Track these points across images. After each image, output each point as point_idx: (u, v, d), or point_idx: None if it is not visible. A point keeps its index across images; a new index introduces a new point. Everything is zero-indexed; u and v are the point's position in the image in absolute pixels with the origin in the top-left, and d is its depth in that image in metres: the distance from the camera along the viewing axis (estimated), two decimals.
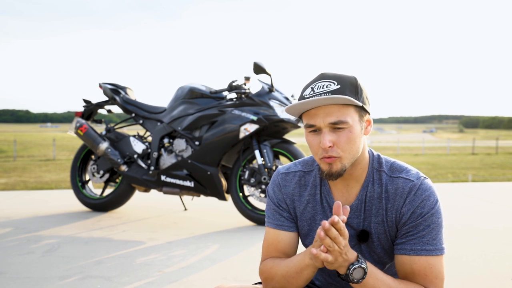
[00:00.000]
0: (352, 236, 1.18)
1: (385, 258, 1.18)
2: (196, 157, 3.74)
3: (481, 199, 4.95)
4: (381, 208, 1.15)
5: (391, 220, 1.14)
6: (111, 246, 3.04)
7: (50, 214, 4.11)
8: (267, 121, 3.54)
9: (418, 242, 1.08)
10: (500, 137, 45.60)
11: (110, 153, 3.98)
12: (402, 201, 1.11)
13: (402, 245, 1.10)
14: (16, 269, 2.53)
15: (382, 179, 1.15)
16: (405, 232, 1.11)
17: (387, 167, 1.17)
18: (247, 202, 3.72)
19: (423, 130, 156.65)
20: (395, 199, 1.13)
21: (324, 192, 1.21)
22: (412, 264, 1.08)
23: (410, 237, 1.09)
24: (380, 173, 1.16)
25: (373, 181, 1.16)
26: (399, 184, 1.13)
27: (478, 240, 3.14)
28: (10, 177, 11.63)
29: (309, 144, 1.13)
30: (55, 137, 26.59)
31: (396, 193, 1.13)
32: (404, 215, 1.11)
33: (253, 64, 3.50)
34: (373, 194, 1.16)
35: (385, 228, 1.15)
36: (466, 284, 2.25)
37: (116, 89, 4.25)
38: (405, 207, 1.11)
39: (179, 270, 2.52)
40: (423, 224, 1.09)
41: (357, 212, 1.17)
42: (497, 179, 10.42)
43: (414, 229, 1.09)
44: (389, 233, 1.15)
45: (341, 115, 1.07)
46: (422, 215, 1.09)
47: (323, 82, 1.10)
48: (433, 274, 1.07)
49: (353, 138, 1.08)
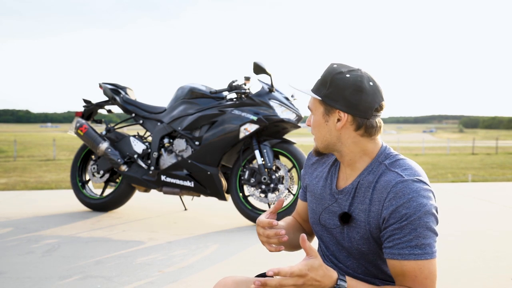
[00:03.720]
0: (336, 217, 1.24)
1: (363, 247, 1.19)
2: (196, 157, 3.74)
3: (481, 199, 4.95)
4: (367, 197, 1.17)
5: (374, 211, 1.14)
6: (111, 246, 3.04)
7: (50, 214, 4.11)
8: (267, 121, 3.54)
9: (405, 246, 1.07)
10: (500, 137, 45.60)
11: (110, 153, 3.98)
12: (385, 194, 1.12)
13: (390, 249, 1.10)
14: (16, 269, 2.53)
15: (379, 171, 1.18)
16: (391, 234, 1.10)
17: (389, 161, 1.18)
18: (247, 202, 3.72)
19: (423, 130, 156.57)
20: (381, 191, 1.13)
21: (332, 171, 1.31)
22: (402, 266, 1.08)
23: (397, 241, 1.09)
24: (380, 165, 1.19)
25: (370, 171, 1.19)
26: (390, 178, 1.13)
27: (478, 240, 3.14)
28: (10, 177, 11.64)
29: None
30: (55, 137, 26.60)
31: (384, 186, 1.13)
32: (385, 209, 1.11)
33: (253, 64, 3.50)
34: (364, 182, 1.19)
35: (367, 218, 1.16)
36: (466, 284, 2.25)
37: (116, 89, 4.25)
38: (387, 201, 1.11)
39: (179, 270, 2.53)
40: (409, 227, 1.07)
41: (347, 195, 1.22)
42: (497, 179, 10.42)
43: (399, 232, 1.08)
44: (370, 224, 1.15)
45: (311, 103, 1.25)
46: (407, 217, 1.07)
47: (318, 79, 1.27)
48: (423, 275, 1.07)
49: (315, 125, 1.24)
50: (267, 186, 3.58)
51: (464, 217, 3.96)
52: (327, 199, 1.28)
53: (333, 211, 1.25)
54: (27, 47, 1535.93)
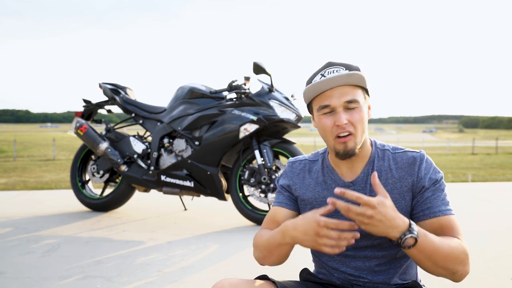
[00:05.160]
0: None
1: None
2: (196, 157, 3.74)
3: (481, 199, 4.95)
4: (390, 178, 1.22)
5: (406, 185, 1.21)
6: (111, 246, 3.04)
7: (50, 214, 4.11)
8: (267, 121, 3.54)
9: (441, 204, 1.19)
10: (500, 137, 45.60)
11: (110, 153, 3.98)
12: (416, 168, 1.21)
13: (429, 209, 1.19)
14: (16, 269, 2.53)
15: (388, 155, 1.26)
16: (428, 196, 1.20)
17: (389, 147, 1.28)
18: (247, 202, 3.72)
19: (423, 130, 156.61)
20: (408, 167, 1.22)
21: (327, 172, 1.30)
22: (440, 222, 1.18)
23: (434, 202, 1.19)
24: (385, 152, 1.26)
25: (378, 157, 1.26)
26: (407, 156, 1.23)
27: (478, 240, 3.14)
28: (10, 177, 11.63)
29: (322, 126, 1.21)
30: (55, 137, 26.59)
31: (407, 163, 1.22)
32: (422, 179, 1.20)
33: (253, 64, 3.50)
34: (380, 168, 1.24)
35: (396, 196, 1.21)
36: (466, 284, 2.25)
37: (116, 89, 4.25)
38: (420, 172, 1.21)
39: (179, 270, 2.52)
40: (440, 188, 1.20)
41: (362, 184, 1.24)
42: (497, 179, 10.42)
43: (434, 193, 1.19)
44: (401, 200, 1.21)
45: (355, 94, 1.18)
46: (438, 181, 1.21)
47: (332, 68, 1.20)
48: (456, 226, 1.19)
49: (363, 117, 1.19)
50: (267, 186, 3.58)
51: (464, 217, 3.96)
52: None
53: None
54: (27, 47, 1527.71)
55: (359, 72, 1.16)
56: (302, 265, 1.53)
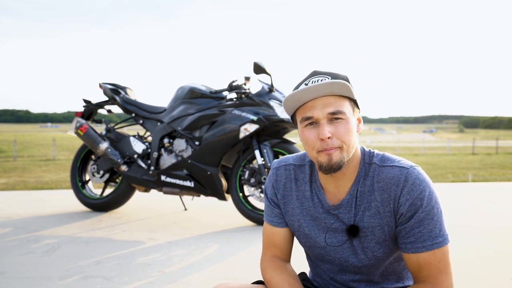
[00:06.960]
0: (343, 231, 1.17)
1: (379, 252, 1.16)
2: (196, 157, 3.74)
3: (481, 199, 4.95)
4: (373, 201, 1.12)
5: (388, 210, 1.11)
6: (111, 246, 3.04)
7: (50, 214, 4.11)
8: (267, 121, 3.54)
9: (427, 238, 1.07)
10: (500, 137, 45.59)
11: (110, 153, 3.98)
12: (399, 191, 1.08)
13: (412, 244, 1.09)
14: (16, 269, 2.53)
15: (373, 172, 1.14)
16: (411, 229, 1.08)
17: (377, 158, 1.15)
18: (247, 202, 3.72)
19: (423, 130, 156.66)
20: (390, 189, 1.10)
21: (315, 188, 1.20)
22: (418, 259, 1.08)
23: (417, 235, 1.08)
24: (371, 166, 1.14)
25: (364, 176, 1.14)
26: (393, 173, 1.10)
27: (478, 240, 3.14)
28: (10, 177, 11.63)
29: (304, 139, 1.11)
30: (55, 137, 26.59)
31: (391, 182, 1.10)
32: (402, 205, 1.08)
33: (253, 64, 3.50)
34: (364, 189, 1.13)
35: (381, 221, 1.12)
36: (466, 284, 2.25)
37: (116, 89, 4.25)
38: (402, 197, 1.08)
39: (179, 270, 2.52)
40: (427, 218, 1.07)
41: (348, 207, 1.15)
42: (497, 179, 10.42)
43: (419, 225, 1.07)
44: (385, 226, 1.12)
45: (339, 105, 1.07)
46: (423, 208, 1.06)
47: (317, 77, 1.11)
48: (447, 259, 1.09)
49: (350, 130, 1.08)
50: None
51: (464, 217, 3.96)
52: (322, 218, 1.19)
53: (336, 228, 1.17)
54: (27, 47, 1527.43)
55: (343, 81, 1.05)
56: (300, 269, 1.52)
